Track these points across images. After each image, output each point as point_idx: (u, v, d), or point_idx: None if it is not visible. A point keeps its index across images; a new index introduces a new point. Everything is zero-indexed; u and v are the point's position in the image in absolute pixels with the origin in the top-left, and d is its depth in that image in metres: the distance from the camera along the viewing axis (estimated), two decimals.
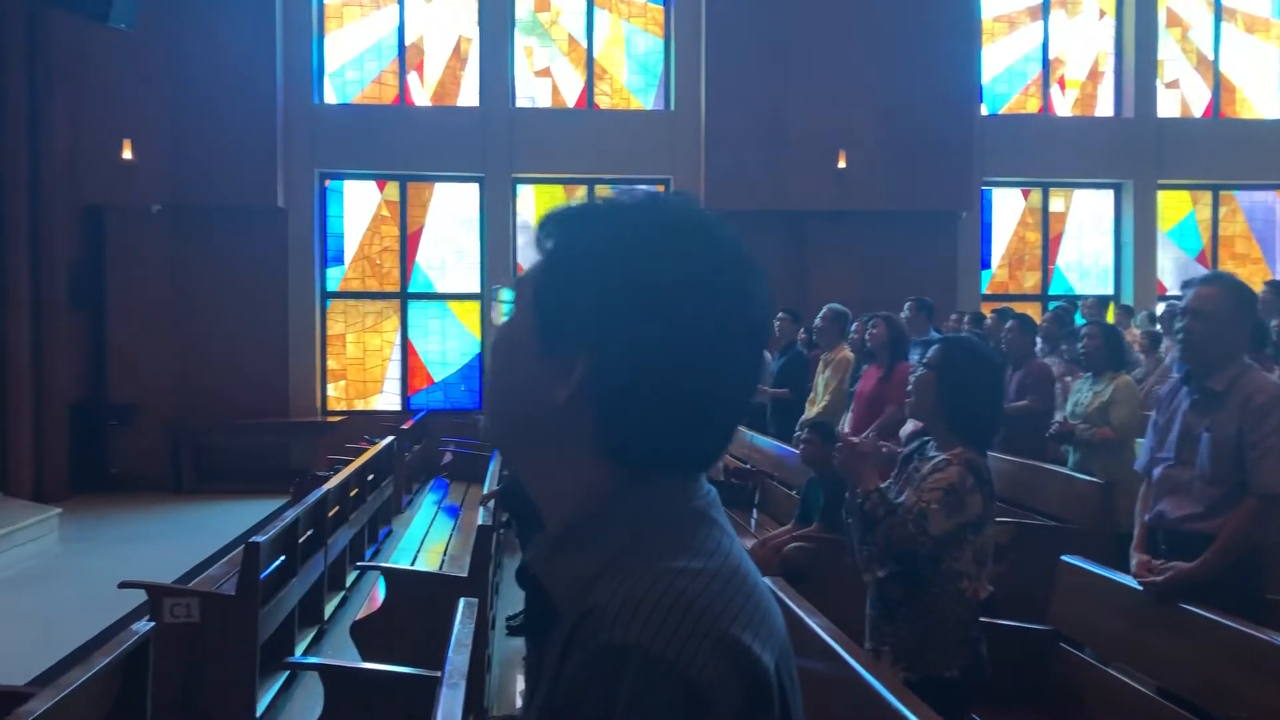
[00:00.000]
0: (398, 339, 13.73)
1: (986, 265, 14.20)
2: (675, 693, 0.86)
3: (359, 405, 13.68)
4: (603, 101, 13.85)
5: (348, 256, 13.68)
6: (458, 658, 2.91)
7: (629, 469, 1.00)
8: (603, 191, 13.63)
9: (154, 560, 8.74)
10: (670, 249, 1.00)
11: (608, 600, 0.91)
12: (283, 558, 5.50)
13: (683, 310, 0.98)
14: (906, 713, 2.56)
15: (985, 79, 14.05)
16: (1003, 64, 14.28)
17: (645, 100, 13.92)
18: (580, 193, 13.77)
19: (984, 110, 13.99)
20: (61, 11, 11.02)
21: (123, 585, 5.14)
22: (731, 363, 1.00)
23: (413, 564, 6.49)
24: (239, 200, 12.67)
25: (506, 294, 1.12)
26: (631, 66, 13.94)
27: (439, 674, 3.45)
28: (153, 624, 3.39)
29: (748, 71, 12.89)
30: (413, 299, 13.73)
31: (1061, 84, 14.37)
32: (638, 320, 0.97)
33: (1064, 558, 4.09)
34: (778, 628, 0.97)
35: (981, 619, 3.29)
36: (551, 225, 1.06)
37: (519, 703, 5.63)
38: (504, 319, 1.09)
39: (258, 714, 4.90)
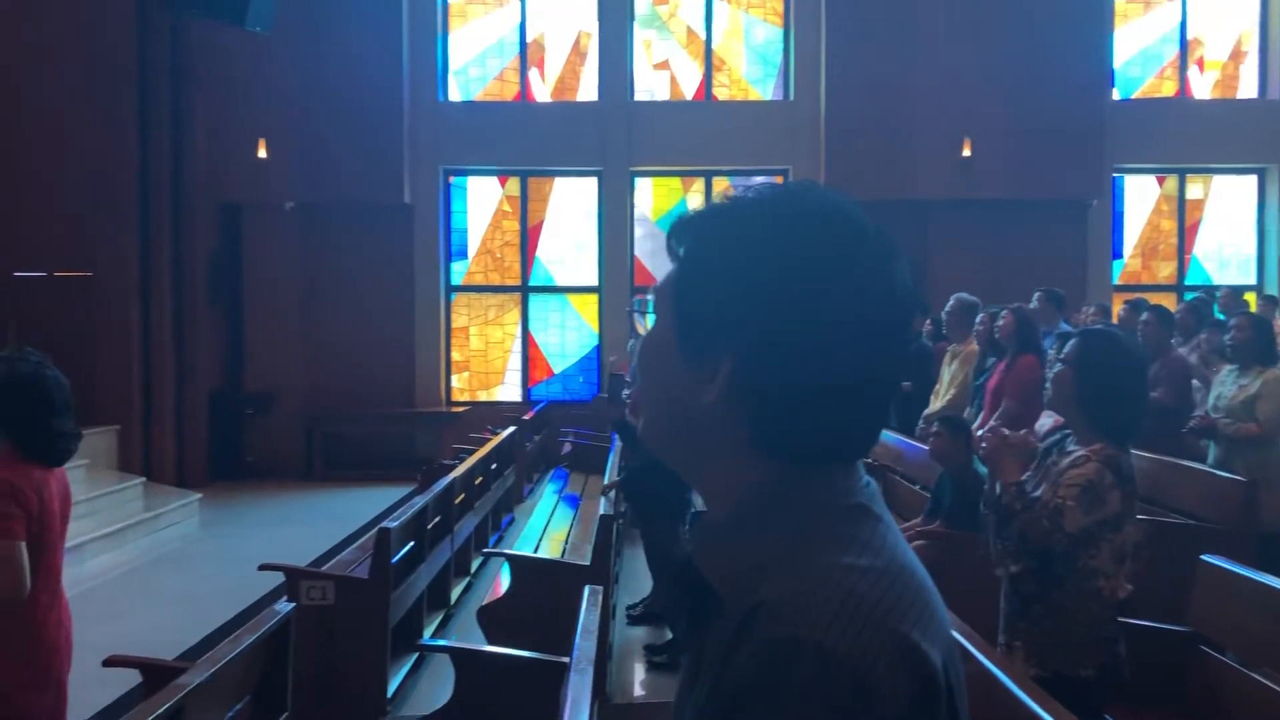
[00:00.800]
0: (518, 331, 13.96)
1: (1118, 255, 13.72)
2: (847, 688, 0.86)
3: (481, 396, 13.95)
4: (721, 93, 13.82)
5: (471, 251, 13.97)
6: (585, 644, 2.96)
7: (786, 462, 1.00)
8: (721, 183, 13.67)
9: (288, 544, 9.09)
10: (801, 239, 1.00)
11: (779, 594, 0.91)
12: (412, 543, 5.65)
13: (820, 299, 0.97)
14: (1038, 710, 2.51)
15: (1117, 62, 13.55)
16: (1136, 46, 13.75)
17: (764, 91, 13.84)
18: (697, 185, 13.78)
19: (1115, 95, 13.50)
20: (201, 17, 11.51)
21: (262, 568, 5.36)
22: (876, 345, 1.00)
23: (535, 552, 6.60)
24: (367, 197, 13.05)
25: (648, 304, 1.14)
26: (750, 57, 13.87)
27: (565, 659, 3.51)
28: (293, 605, 3.53)
29: (869, 59, 12.70)
30: (533, 292, 13.94)
31: (1200, 65, 13.77)
32: (776, 315, 0.98)
33: (1204, 557, 3.94)
34: (944, 626, 0.96)
35: (1121, 619, 3.20)
36: (682, 231, 1.07)
37: (638, 691, 5.69)
38: (647, 329, 1.11)
39: (389, 694, 5.06)
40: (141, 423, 11.70)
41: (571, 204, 13.90)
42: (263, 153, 12.69)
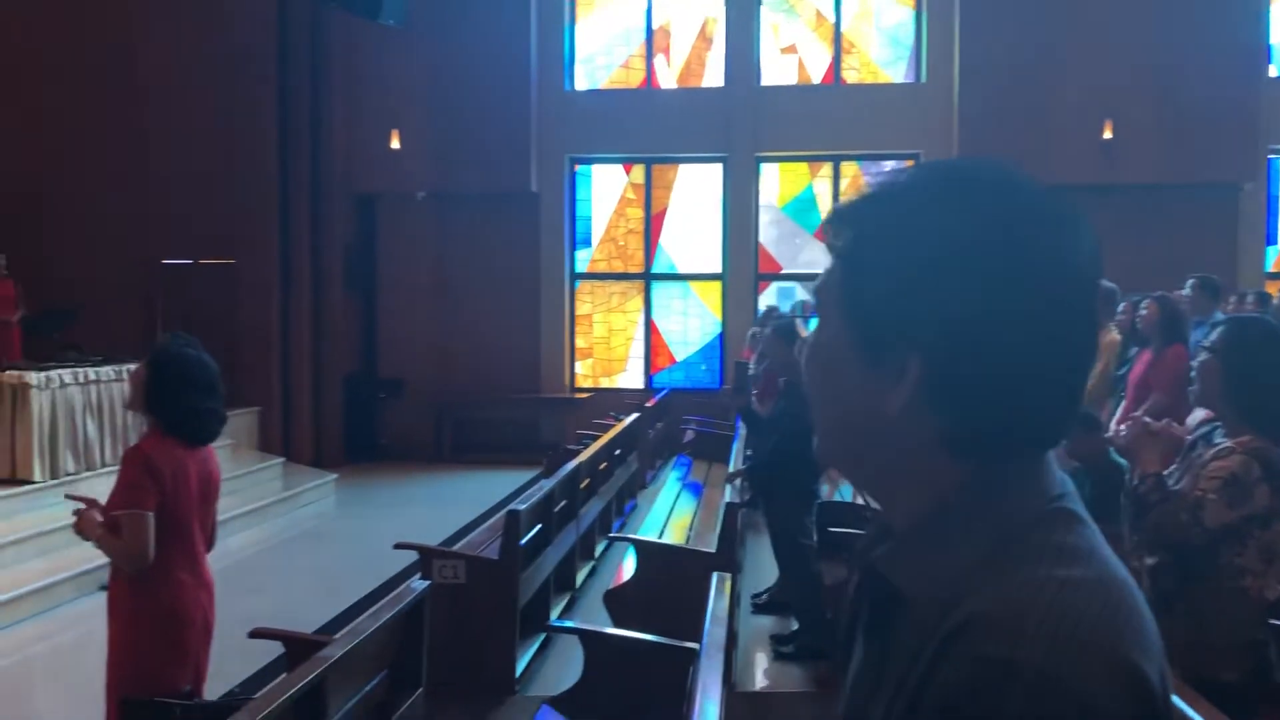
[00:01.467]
0: (641, 319, 14.02)
1: (1273, 241, 13.02)
2: (1068, 714, 0.81)
3: (604, 383, 14.06)
4: (850, 76, 13.59)
5: (595, 238, 14.07)
6: (715, 631, 2.95)
7: (980, 462, 0.93)
8: (849, 169, 13.46)
9: (419, 524, 9.31)
10: (979, 218, 0.92)
11: (989, 610, 0.86)
12: (539, 526, 5.73)
13: (1008, 282, 0.90)
14: (1188, 710, 2.40)
15: (1275, 36, 12.83)
16: None
17: (895, 74, 13.56)
18: (825, 170, 13.59)
19: (1272, 71, 12.79)
20: (338, 11, 11.85)
21: (398, 546, 5.50)
22: (1070, 327, 0.93)
23: (659, 538, 6.62)
24: (495, 186, 13.26)
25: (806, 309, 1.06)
26: (880, 39, 13.60)
27: (693, 645, 3.51)
28: (429, 583, 3.61)
29: (1005, 38, 12.30)
30: (656, 279, 13.97)
31: None
32: (963, 304, 0.90)
33: None
34: (1156, 639, 0.90)
35: (1274, 620, 3.03)
36: (841, 223, 0.99)
37: (760, 681, 5.66)
38: (811, 336, 1.03)
39: (517, 674, 5.15)
40: (281, 405, 12.15)
41: (696, 191, 13.87)
42: (396, 144, 13.01)
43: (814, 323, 1.05)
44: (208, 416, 3.22)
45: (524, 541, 5.23)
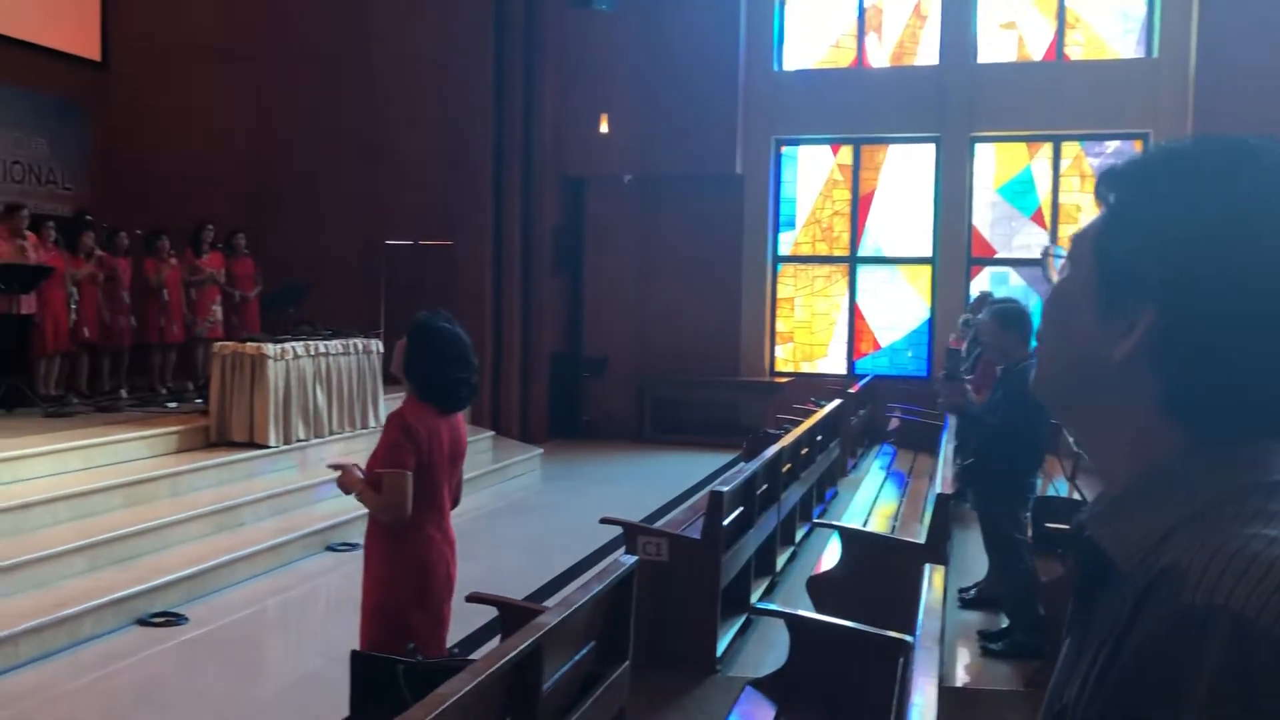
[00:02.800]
0: (845, 303, 13.78)
1: None
2: (1268, 662, 0.79)
3: (805, 367, 13.91)
4: (1073, 53, 12.92)
5: (799, 221, 13.91)
6: (930, 623, 2.87)
7: (1198, 431, 0.92)
8: (1071, 149, 12.81)
9: (620, 501, 9.48)
10: (1251, 189, 0.91)
11: (1189, 559, 0.85)
12: (741, 508, 5.73)
13: (1260, 254, 0.89)
14: None
15: None
16: None
17: (1123, 48, 12.79)
18: (1045, 150, 12.98)
19: None
20: None
21: (603, 521, 5.61)
22: None
23: (863, 526, 6.50)
24: (701, 168, 13.30)
25: (1061, 251, 1.07)
26: (1108, 12, 12.85)
27: (902, 636, 3.43)
28: (636, 559, 3.66)
29: (1249, 8, 11.41)
30: (862, 263, 13.70)
31: None
32: (1210, 265, 0.90)
33: None
34: None
35: None
36: (1112, 178, 1.00)
37: (964, 678, 5.49)
38: (1059, 278, 1.05)
39: (718, 653, 5.17)
40: (492, 381, 12.58)
41: (906, 172, 13.50)
42: (604, 128, 13.22)
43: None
44: (458, 386, 3.43)
45: (726, 523, 5.24)
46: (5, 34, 11.35)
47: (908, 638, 3.18)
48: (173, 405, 9.55)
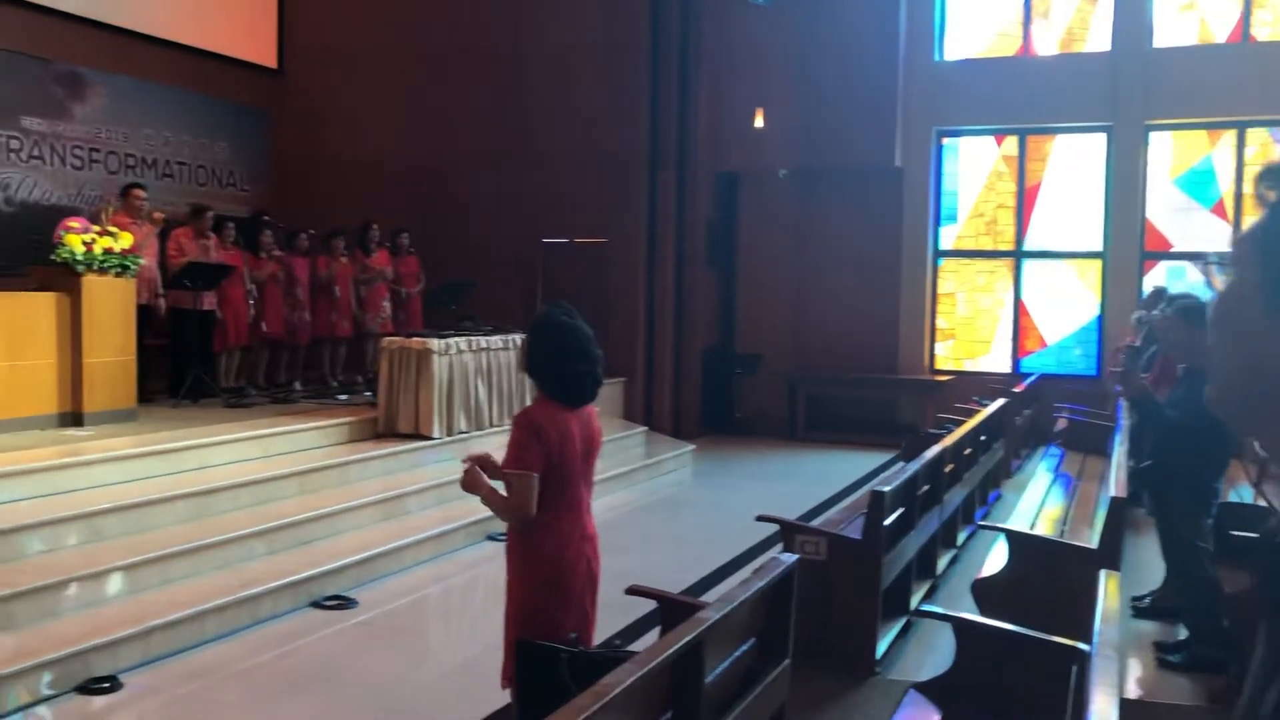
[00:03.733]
0: (1009, 299, 13.33)
1: None
2: None
3: (967, 365, 13.53)
4: (1260, 33, 12.16)
5: (961, 214, 13.53)
6: (1107, 631, 2.74)
7: None
8: (1257, 135, 12.06)
9: (773, 499, 9.40)
10: None
11: None
12: (901, 509, 5.60)
13: None
14: None
15: None
16: None
17: None
18: (1227, 138, 12.26)
19: None
20: None
21: (760, 519, 5.57)
22: None
23: (1030, 529, 6.27)
24: (859, 161, 13.08)
25: (1220, 259, 1.01)
26: None
27: (1075, 644, 3.29)
28: (796, 557, 3.62)
29: None
30: (1028, 257, 13.23)
31: None
32: None
33: None
34: None
35: None
36: (1271, 177, 0.97)
37: (1135, 690, 5.23)
38: (1224, 285, 1.01)
39: (878, 655, 5.07)
40: (644, 376, 12.67)
41: (1075, 163, 12.97)
42: (759, 122, 13.14)
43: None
44: (582, 379, 3.40)
45: (887, 523, 5.13)
46: (192, 45, 12.03)
47: (1082, 646, 3.04)
48: (343, 398, 9.95)
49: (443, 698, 5.00)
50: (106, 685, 4.79)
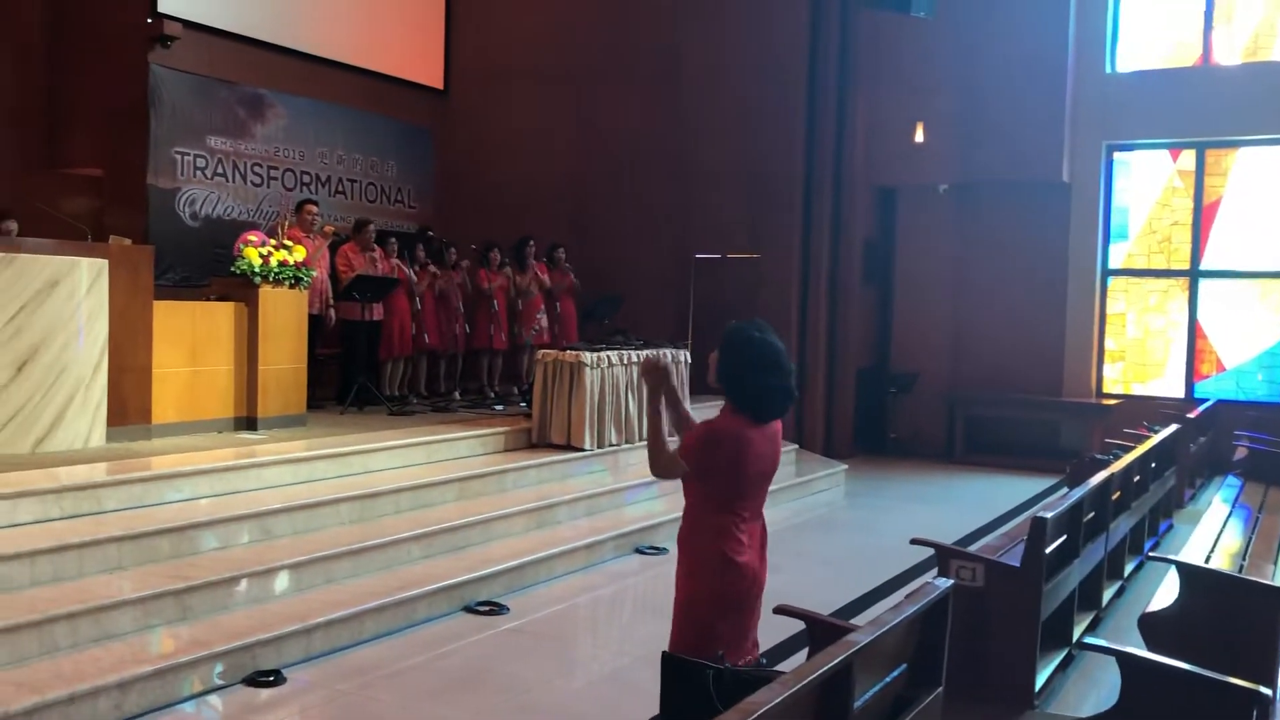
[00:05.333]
0: (1184, 320, 12.68)
1: None
2: None
3: (1136, 389, 12.92)
4: None
5: (1133, 231, 12.95)
6: None
7: None
8: None
9: (928, 522, 9.17)
10: None
11: None
12: (1064, 537, 5.37)
13: None
14: None
15: None
16: None
17: None
18: None
19: None
20: (868, 8, 11.98)
21: (914, 542, 5.42)
22: None
23: (1205, 563, 5.92)
24: (1023, 177, 12.69)
25: None
26: None
27: (1255, 686, 3.09)
28: (952, 582, 3.51)
29: None
30: (1205, 277, 12.56)
31: None
32: None
33: None
34: None
35: None
36: None
37: None
38: None
39: (1036, 687, 4.86)
40: (797, 394, 12.53)
41: (1259, 177, 12.25)
42: (919, 136, 12.89)
43: None
44: (773, 394, 3.37)
45: (1049, 551, 4.92)
46: (365, 67, 12.58)
47: (1264, 689, 2.85)
48: (499, 408, 10.19)
49: (590, 707, 5.05)
50: (271, 678, 5.01)
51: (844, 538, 9.07)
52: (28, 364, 6.53)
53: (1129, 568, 7.19)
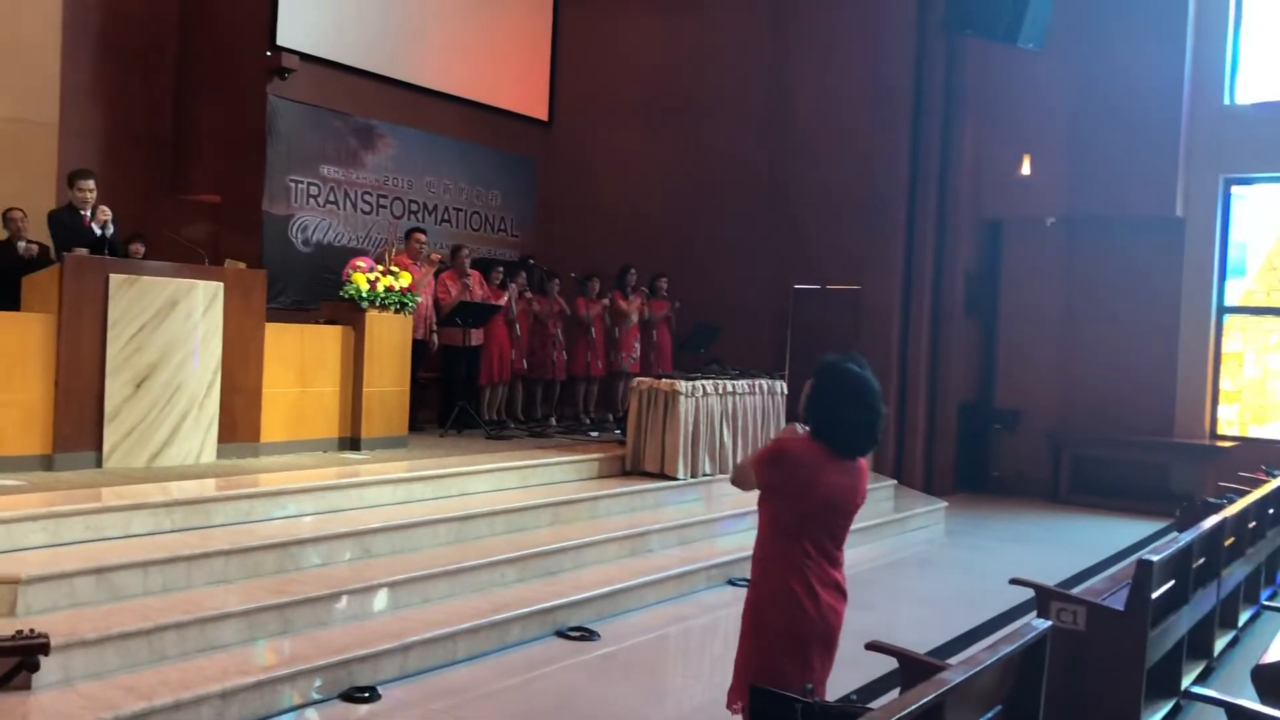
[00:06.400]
0: None
1: None
2: None
3: (1254, 431, 12.42)
4: None
5: (1251, 268, 12.49)
6: None
7: None
8: None
9: (1030, 562, 8.95)
10: None
11: None
12: (1173, 582, 5.18)
13: None
14: None
15: None
16: None
17: None
18: None
19: None
20: (974, 40, 11.84)
21: (1013, 582, 5.30)
22: None
23: None
24: (1134, 210, 12.36)
25: None
26: None
27: None
28: (1050, 624, 3.42)
29: None
30: None
31: None
32: None
33: None
34: None
35: None
36: None
37: None
38: None
39: None
40: (896, 428, 12.36)
41: None
42: (1026, 168, 12.67)
43: None
44: (859, 430, 3.31)
45: (1155, 596, 4.76)
46: (473, 99, 12.88)
47: None
48: (594, 434, 10.27)
49: None
50: (367, 695, 5.11)
51: (942, 576, 8.89)
52: (146, 381, 6.81)
53: (1244, 617, 6.91)
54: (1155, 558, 4.77)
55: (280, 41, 10.76)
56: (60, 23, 9.52)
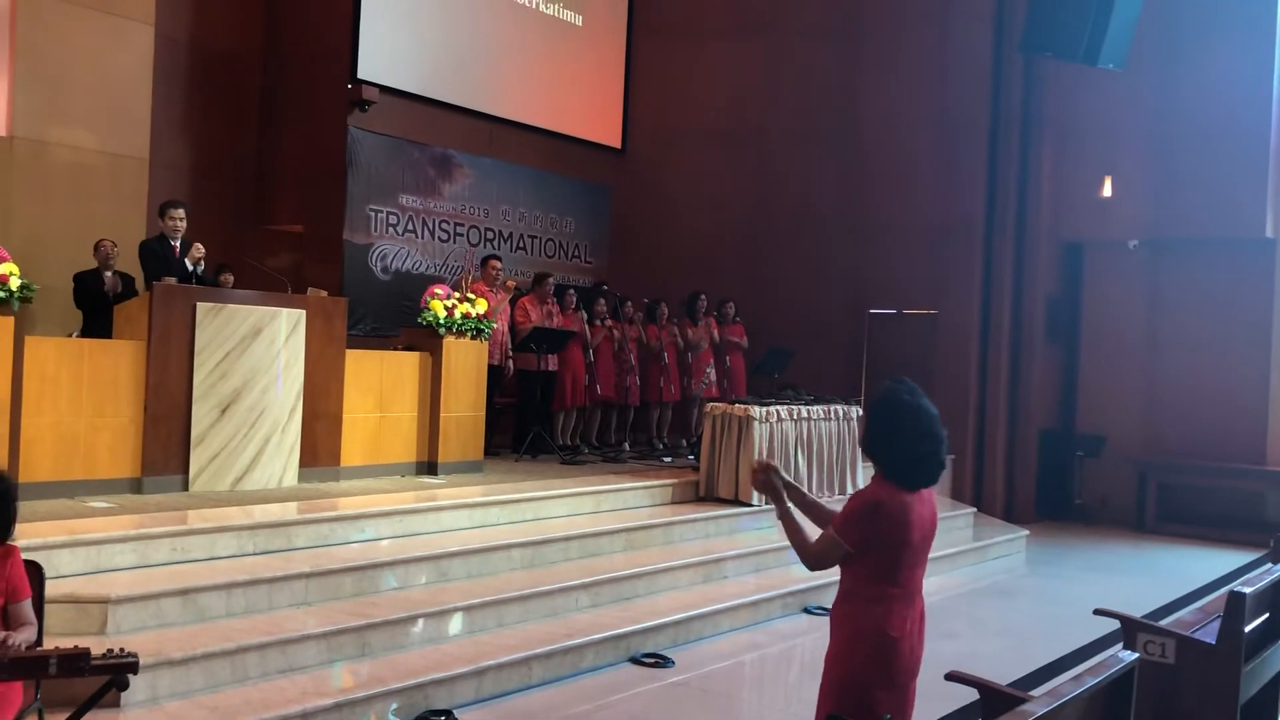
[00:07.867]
0: None
1: None
2: None
3: None
4: None
5: None
6: None
7: None
8: None
9: (1115, 593, 8.71)
10: None
11: None
12: (1267, 615, 5.01)
13: None
14: None
15: None
16: None
17: None
18: None
19: None
20: (1052, 60, 11.66)
21: (1098, 612, 5.16)
22: None
23: None
24: (1221, 232, 12.03)
25: None
26: None
27: None
28: (1137, 656, 3.32)
29: None
30: None
31: None
32: None
33: None
34: None
35: None
36: None
37: None
38: None
39: None
40: (974, 454, 12.16)
41: None
42: (1107, 190, 12.43)
43: None
44: (923, 462, 3.24)
45: (1248, 629, 4.60)
46: (548, 128, 13.05)
47: None
48: (668, 460, 10.26)
49: None
50: (442, 718, 5.14)
51: (1024, 606, 8.69)
52: (231, 406, 6.99)
53: None
54: (1248, 589, 4.61)
55: (361, 74, 11.02)
56: (152, 60, 9.85)
